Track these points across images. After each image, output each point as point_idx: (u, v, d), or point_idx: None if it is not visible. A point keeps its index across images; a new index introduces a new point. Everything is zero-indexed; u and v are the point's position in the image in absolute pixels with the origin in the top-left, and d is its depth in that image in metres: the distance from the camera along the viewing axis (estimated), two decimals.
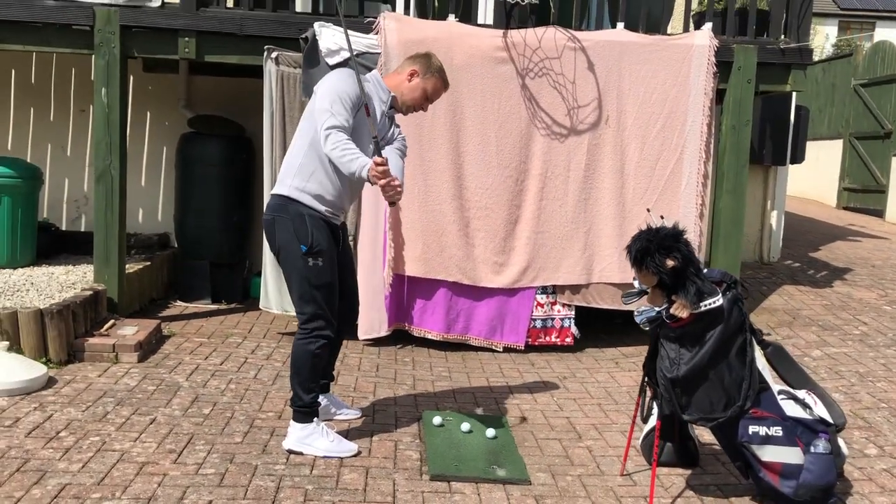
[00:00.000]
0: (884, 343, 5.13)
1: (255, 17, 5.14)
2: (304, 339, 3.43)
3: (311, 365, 3.43)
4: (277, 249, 3.44)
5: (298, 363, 3.44)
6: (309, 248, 3.36)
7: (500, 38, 5.07)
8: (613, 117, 5.20)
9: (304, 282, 3.39)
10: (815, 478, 3.04)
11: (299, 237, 3.36)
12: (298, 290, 3.41)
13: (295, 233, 3.36)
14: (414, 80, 3.55)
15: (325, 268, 3.41)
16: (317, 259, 3.38)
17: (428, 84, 3.57)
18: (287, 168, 3.43)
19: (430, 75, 3.56)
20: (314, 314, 3.41)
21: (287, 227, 3.38)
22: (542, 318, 5.28)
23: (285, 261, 3.43)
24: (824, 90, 12.62)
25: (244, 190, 6.12)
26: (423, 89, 3.56)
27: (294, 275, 3.41)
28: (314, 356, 3.42)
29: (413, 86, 3.55)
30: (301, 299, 3.41)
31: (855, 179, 11.62)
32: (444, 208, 5.12)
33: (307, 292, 3.39)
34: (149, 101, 6.45)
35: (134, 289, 5.49)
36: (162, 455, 3.35)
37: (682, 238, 2.94)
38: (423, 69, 3.54)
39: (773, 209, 7.38)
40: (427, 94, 3.59)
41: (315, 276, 3.38)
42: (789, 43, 5.38)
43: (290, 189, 3.39)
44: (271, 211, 3.44)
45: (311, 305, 3.40)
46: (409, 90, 3.55)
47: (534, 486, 3.28)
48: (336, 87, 3.32)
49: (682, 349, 2.97)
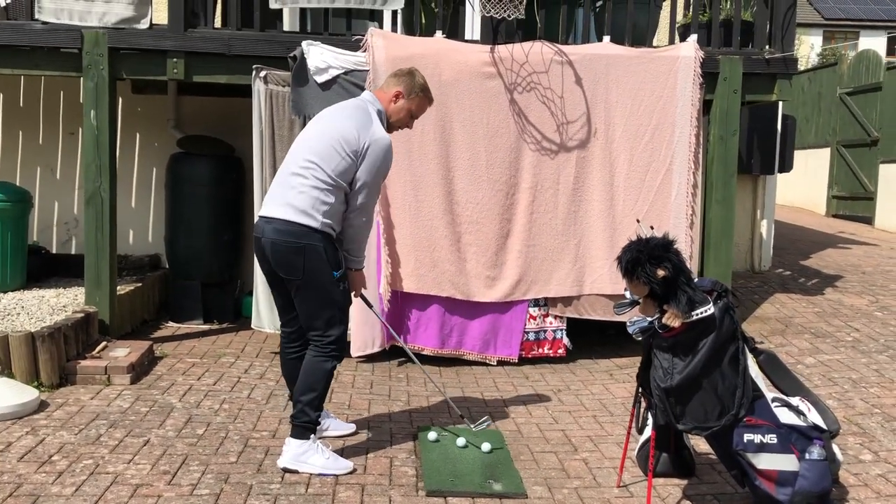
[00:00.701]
0: (876, 349, 5.15)
1: (242, 36, 5.16)
2: (321, 357, 3.45)
3: (325, 383, 3.47)
4: (304, 275, 3.38)
5: (314, 380, 3.45)
6: (340, 273, 3.44)
7: (487, 54, 5.10)
8: (602, 130, 5.23)
9: (333, 305, 3.44)
10: (811, 484, 3.04)
11: (331, 263, 3.40)
12: (327, 313, 3.43)
13: (328, 259, 3.39)
14: (399, 101, 3.58)
15: (348, 291, 3.54)
16: (345, 283, 3.49)
17: (413, 104, 3.61)
18: (314, 203, 3.34)
19: (414, 96, 3.59)
20: (339, 336, 3.47)
21: (319, 253, 3.37)
22: (534, 331, 5.28)
23: (314, 286, 3.40)
24: (811, 99, 12.73)
25: (234, 209, 6.11)
26: (409, 110, 3.60)
27: (323, 299, 3.42)
28: (330, 374, 3.48)
29: (398, 107, 3.58)
30: (328, 323, 3.44)
31: (843, 187, 11.70)
32: (436, 223, 5.13)
33: (335, 315, 3.45)
34: (138, 123, 6.45)
35: (125, 310, 5.47)
36: (156, 477, 3.33)
37: (672, 248, 2.95)
38: (408, 90, 3.57)
39: (762, 218, 7.42)
40: (412, 113, 3.63)
41: (344, 300, 3.50)
42: (774, 53, 5.43)
43: (322, 225, 3.36)
44: (298, 237, 3.35)
45: (338, 328, 3.46)
46: (395, 112, 3.59)
47: (530, 499, 3.27)
48: (388, 163, 3.45)
49: (675, 359, 2.98)
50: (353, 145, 3.36)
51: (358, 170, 3.38)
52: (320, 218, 3.36)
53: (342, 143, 3.36)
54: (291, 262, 3.38)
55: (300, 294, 3.44)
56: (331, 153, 3.36)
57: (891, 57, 22.65)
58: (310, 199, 3.36)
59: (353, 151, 3.36)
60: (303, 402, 3.43)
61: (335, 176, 3.36)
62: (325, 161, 3.36)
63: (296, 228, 3.35)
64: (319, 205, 3.36)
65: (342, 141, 3.36)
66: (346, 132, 3.37)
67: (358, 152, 3.37)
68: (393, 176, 5.09)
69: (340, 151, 3.36)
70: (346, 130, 3.38)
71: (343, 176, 3.37)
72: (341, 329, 3.48)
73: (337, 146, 3.36)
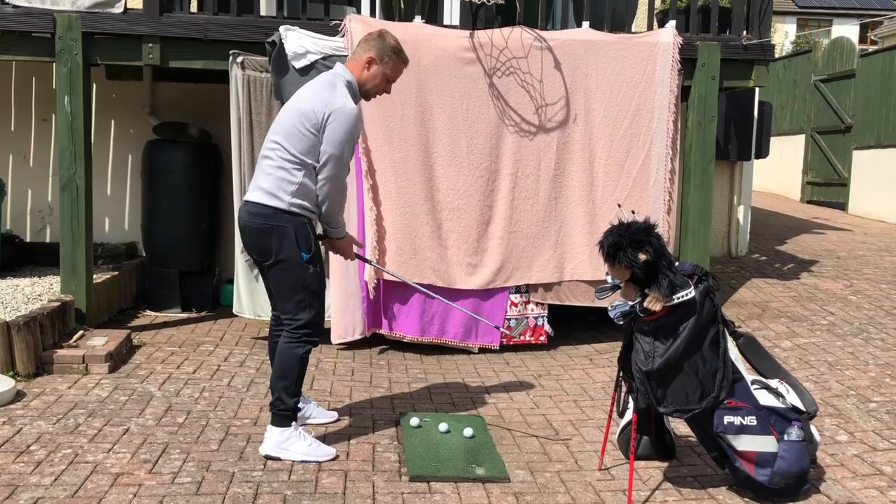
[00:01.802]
0: (850, 332, 5.22)
1: (219, 21, 5.10)
2: (293, 343, 3.42)
3: (298, 369, 3.43)
4: (274, 258, 3.38)
5: (286, 367, 3.42)
6: (310, 255, 3.38)
7: (466, 39, 5.08)
8: (581, 116, 5.24)
9: (303, 289, 3.39)
10: (790, 465, 3.09)
11: (300, 245, 3.36)
12: (296, 296, 3.40)
13: (297, 240, 3.35)
14: (372, 67, 3.50)
15: (321, 273, 3.46)
16: (316, 266, 3.42)
17: (387, 69, 3.51)
18: (279, 183, 3.34)
19: (388, 59, 3.50)
20: (310, 321, 3.42)
21: (289, 234, 3.35)
22: (516, 318, 5.29)
23: (283, 269, 3.38)
24: (786, 86, 12.84)
25: (212, 197, 6.06)
26: (383, 74, 3.51)
27: (292, 282, 3.39)
28: (303, 360, 3.44)
29: (372, 73, 3.50)
30: (298, 306, 3.41)
31: (818, 173, 11.83)
32: (417, 210, 5.11)
33: (305, 299, 3.40)
34: (113, 109, 6.36)
35: (102, 299, 5.41)
36: (136, 465, 3.31)
37: (653, 232, 2.97)
38: (380, 54, 3.49)
39: (739, 204, 7.48)
40: (388, 77, 3.53)
41: (315, 283, 3.42)
42: (751, 39, 5.46)
43: (289, 205, 3.35)
44: (265, 219, 3.35)
45: (308, 312, 3.41)
46: (369, 79, 3.50)
47: (513, 483, 3.28)
48: (352, 132, 3.35)
49: (656, 342, 3.00)
50: (311, 120, 3.32)
51: (322, 143, 3.34)
52: (287, 198, 3.34)
53: (302, 119, 3.33)
54: (261, 245, 3.38)
55: (271, 277, 3.44)
56: (293, 132, 3.34)
57: (863, 44, 22.90)
58: (276, 179, 3.35)
59: (312, 126, 3.32)
60: (278, 389, 3.42)
61: (299, 154, 3.33)
62: (287, 140, 3.34)
63: (264, 210, 3.36)
64: (286, 185, 3.34)
65: (302, 118, 3.33)
66: (304, 108, 3.34)
67: (318, 125, 3.32)
68: (374, 162, 5.08)
69: (301, 129, 3.32)
70: (304, 107, 3.35)
71: (309, 154, 3.33)
72: (312, 313, 3.42)
73: (297, 124, 3.33)
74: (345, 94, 3.40)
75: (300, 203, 3.36)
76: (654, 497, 3.19)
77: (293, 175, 3.34)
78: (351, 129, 3.36)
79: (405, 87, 5.02)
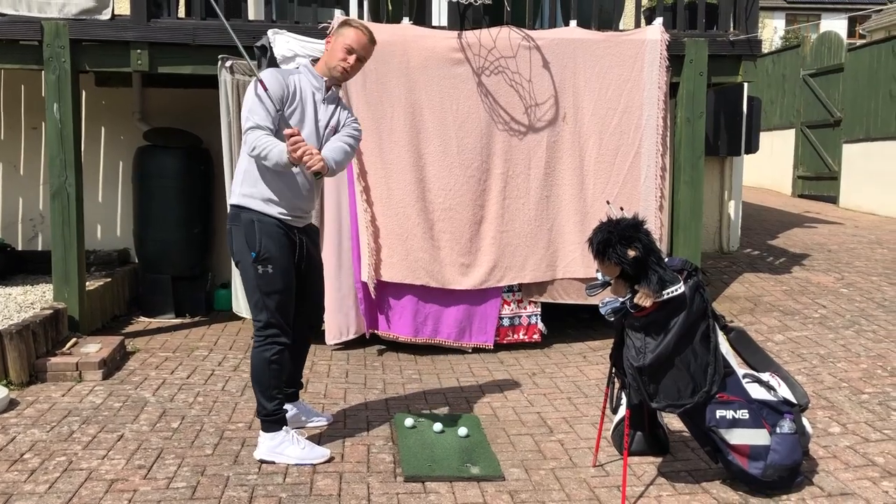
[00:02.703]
0: (842, 325, 5.25)
1: (207, 26, 5.10)
2: (259, 347, 3.42)
3: (268, 372, 3.40)
4: (234, 257, 3.47)
5: (256, 371, 3.42)
6: (258, 255, 3.35)
7: (455, 39, 5.09)
8: (571, 114, 5.25)
9: (255, 290, 3.39)
10: (782, 458, 3.10)
11: (249, 245, 3.36)
12: (252, 297, 3.42)
13: (245, 240, 3.36)
14: (329, 45, 3.48)
15: (276, 275, 3.38)
16: (266, 266, 3.36)
17: (343, 39, 3.42)
18: (235, 177, 3.47)
19: (340, 30, 3.46)
20: (267, 322, 3.40)
21: (239, 235, 3.38)
22: (509, 317, 5.31)
23: (241, 269, 3.45)
24: (775, 81, 12.89)
25: (203, 202, 6.05)
26: (342, 46, 3.41)
27: (247, 283, 3.42)
28: (270, 363, 3.40)
29: (331, 49, 3.45)
30: (255, 307, 3.42)
31: (808, 167, 11.87)
32: (409, 211, 5.12)
33: (259, 300, 3.39)
34: (103, 116, 6.36)
35: (95, 306, 5.40)
36: (131, 471, 3.31)
37: (642, 228, 2.98)
38: (334, 31, 3.51)
39: (730, 199, 7.51)
40: (347, 48, 3.40)
41: (265, 284, 3.37)
42: (738, 35, 5.48)
43: (240, 197, 3.39)
44: (230, 220, 3.46)
45: (264, 313, 3.40)
46: (330, 56, 3.45)
47: (508, 481, 3.29)
48: (253, 90, 3.34)
49: (647, 338, 3.01)
50: None
51: None
52: (238, 190, 3.40)
53: None
54: (229, 245, 3.47)
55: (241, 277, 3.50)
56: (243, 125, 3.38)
57: (852, 38, 22.99)
58: (235, 175, 3.46)
59: None
60: (256, 394, 3.44)
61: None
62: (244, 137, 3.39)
63: (230, 212, 3.45)
64: (239, 177, 3.41)
65: None
66: None
67: None
68: (365, 164, 5.08)
69: None
70: None
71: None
72: (267, 315, 3.38)
73: None
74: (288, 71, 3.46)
75: (249, 191, 3.36)
76: (648, 492, 3.20)
77: (241, 165, 3.42)
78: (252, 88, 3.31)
79: (394, 88, 5.04)
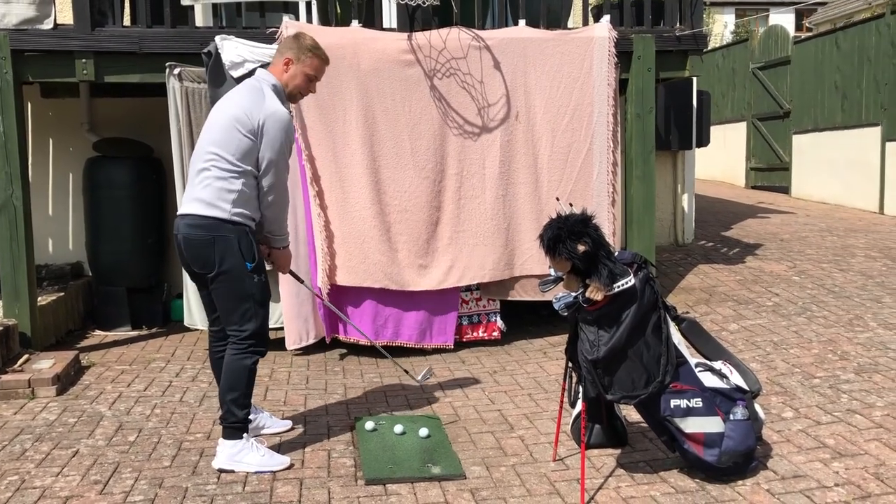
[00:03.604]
0: (794, 312, 5.36)
1: (154, 34, 5.04)
2: (240, 355, 3.39)
3: (246, 380, 3.40)
4: (217, 269, 3.34)
5: (234, 379, 3.39)
6: (255, 265, 3.36)
7: (405, 41, 5.09)
8: (523, 113, 5.29)
9: (248, 298, 3.37)
10: (736, 444, 3.16)
11: (244, 254, 3.33)
12: (242, 307, 3.37)
13: (240, 250, 3.32)
14: (290, 68, 3.47)
15: (266, 283, 3.44)
16: (261, 275, 3.40)
17: (306, 67, 3.47)
18: (219, 193, 3.31)
19: (304, 58, 3.47)
20: (255, 331, 3.40)
21: (231, 244, 3.32)
22: (468, 315, 5.33)
23: (228, 280, 3.35)
24: (725, 75, 13.11)
25: (157, 211, 5.97)
26: (303, 74, 3.47)
27: (237, 292, 3.36)
28: (251, 371, 3.41)
29: (292, 74, 3.47)
30: (243, 317, 3.38)
31: (760, 159, 12.10)
32: (364, 214, 5.11)
33: (251, 309, 3.37)
34: (50, 127, 6.24)
35: (48, 321, 5.30)
36: (87, 487, 3.25)
37: (591, 223, 3.01)
38: (296, 54, 3.48)
39: (683, 192, 7.62)
40: (308, 76, 3.50)
41: (260, 293, 3.40)
42: (684, 30, 5.57)
43: (231, 214, 3.32)
44: (207, 230, 3.32)
45: (254, 322, 3.39)
46: (290, 79, 3.47)
47: (469, 479, 3.31)
48: (288, 134, 3.38)
49: (600, 331, 3.05)
50: (246, 125, 3.30)
51: (260, 150, 3.33)
52: (228, 207, 3.32)
53: (236, 125, 3.30)
54: (204, 256, 3.34)
55: (216, 288, 3.39)
56: (228, 139, 3.31)
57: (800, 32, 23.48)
58: (215, 190, 3.32)
59: (249, 131, 3.30)
60: (228, 401, 3.39)
61: (237, 161, 3.31)
62: (224, 148, 3.31)
63: (205, 222, 3.32)
64: (226, 194, 3.31)
65: (236, 123, 3.31)
66: (237, 114, 3.32)
67: (254, 131, 3.30)
68: (318, 168, 5.06)
69: (237, 135, 3.30)
70: (237, 112, 3.32)
71: (246, 159, 3.32)
72: (257, 323, 3.40)
73: (232, 130, 3.31)
74: (274, 98, 3.40)
75: (241, 211, 3.34)
76: (607, 484, 3.24)
77: (232, 184, 3.32)
78: (287, 132, 3.38)
79: (346, 91, 5.02)
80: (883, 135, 9.10)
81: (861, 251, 6.88)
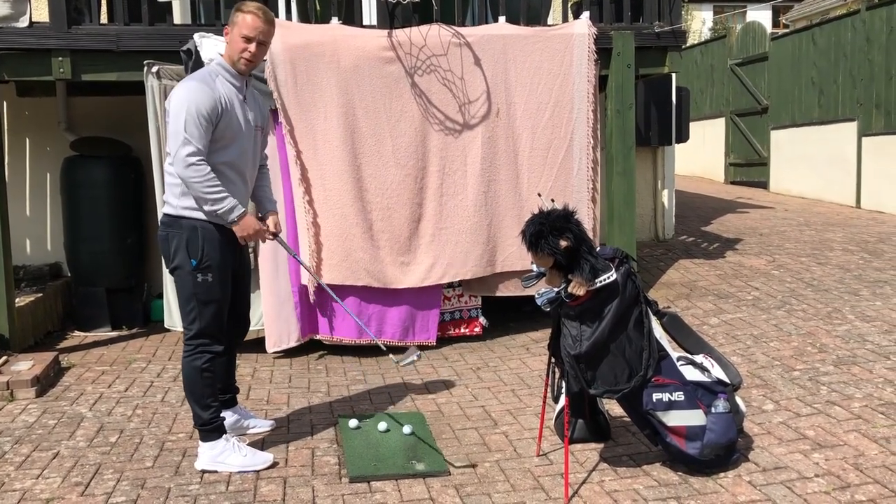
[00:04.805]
0: (774, 305, 5.41)
1: (131, 31, 5.00)
2: (189, 356, 3.36)
3: (201, 381, 3.36)
4: (171, 264, 3.38)
5: (188, 381, 3.37)
6: (199, 263, 3.31)
7: (385, 39, 5.08)
8: (504, 109, 5.30)
9: (191, 298, 3.33)
10: (718, 436, 3.19)
11: (190, 252, 3.31)
12: (187, 306, 3.36)
13: (186, 247, 3.31)
14: (229, 37, 3.38)
15: (215, 284, 3.35)
16: (206, 275, 3.33)
17: (239, 28, 3.32)
18: (170, 189, 3.36)
19: (234, 17, 3.36)
20: (199, 331, 3.35)
21: (181, 241, 3.32)
22: (450, 311, 5.33)
23: (177, 277, 3.38)
24: (704, 71, 13.20)
25: (136, 211, 5.93)
26: (238, 34, 3.33)
27: (183, 290, 3.36)
28: (202, 371, 3.36)
29: (231, 41, 3.37)
30: (188, 316, 3.36)
31: (739, 154, 12.19)
32: (346, 212, 5.09)
33: (194, 308, 3.34)
34: (27, 127, 6.17)
35: (27, 323, 5.24)
36: (68, 489, 3.22)
37: (572, 219, 3.03)
38: (231, 21, 3.38)
39: (663, 188, 7.66)
40: (245, 36, 3.31)
41: (203, 293, 3.33)
42: (663, 27, 5.60)
43: (179, 209, 3.32)
44: (165, 227, 3.38)
45: (198, 322, 3.35)
46: (231, 48, 3.36)
47: (453, 475, 3.31)
48: (190, 107, 3.19)
49: (582, 326, 3.06)
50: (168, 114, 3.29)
51: None
52: (176, 202, 3.34)
53: (167, 119, 3.32)
54: (165, 253, 3.40)
55: (174, 285, 3.44)
56: (169, 136, 3.29)
57: (777, 28, 23.67)
58: (168, 186, 3.39)
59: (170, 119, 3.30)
60: (191, 404, 3.39)
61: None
62: (168, 145, 3.31)
63: (165, 219, 3.40)
64: (174, 188, 3.35)
65: (167, 117, 3.33)
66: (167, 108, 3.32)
67: None
68: (306, 165, 5.04)
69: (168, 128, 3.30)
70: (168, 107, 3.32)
71: None
72: (202, 323, 3.33)
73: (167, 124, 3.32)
74: (190, 78, 3.37)
75: (188, 204, 3.32)
76: (591, 478, 3.26)
77: (174, 177, 3.34)
78: (189, 105, 3.19)
79: (326, 89, 5.00)
80: (859, 129, 9.20)
81: (839, 245, 6.95)
